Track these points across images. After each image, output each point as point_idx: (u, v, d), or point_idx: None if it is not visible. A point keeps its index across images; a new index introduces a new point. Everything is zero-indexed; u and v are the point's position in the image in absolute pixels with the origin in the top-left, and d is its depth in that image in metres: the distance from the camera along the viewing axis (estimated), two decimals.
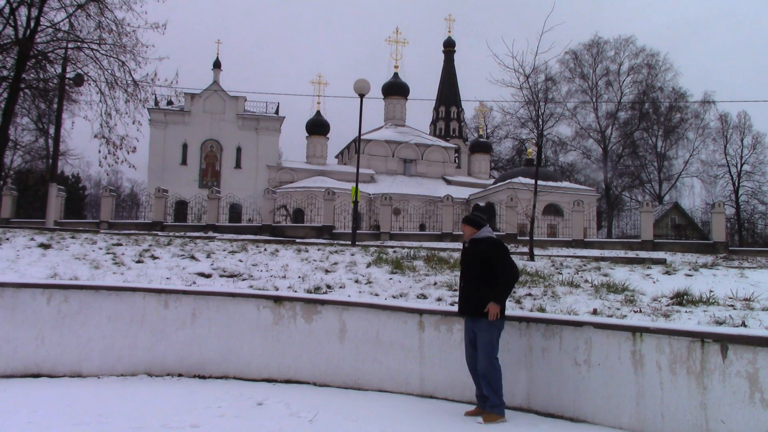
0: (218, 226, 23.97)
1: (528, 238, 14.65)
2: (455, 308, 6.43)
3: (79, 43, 18.28)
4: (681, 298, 7.05)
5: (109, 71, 18.12)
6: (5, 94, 18.09)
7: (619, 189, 51.15)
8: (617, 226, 37.31)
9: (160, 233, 18.45)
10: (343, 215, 27.98)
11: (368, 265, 10.11)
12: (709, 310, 6.41)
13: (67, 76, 18.82)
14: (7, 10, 17.31)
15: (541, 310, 6.76)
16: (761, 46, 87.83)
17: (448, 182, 46.54)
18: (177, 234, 18.35)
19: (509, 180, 36.93)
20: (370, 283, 8.69)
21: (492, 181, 46.68)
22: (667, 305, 6.87)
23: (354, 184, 19.33)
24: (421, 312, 6.25)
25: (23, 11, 17.66)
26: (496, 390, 5.15)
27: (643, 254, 17.24)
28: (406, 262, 10.50)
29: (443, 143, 50.58)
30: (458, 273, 9.60)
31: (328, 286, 8.31)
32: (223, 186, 38.06)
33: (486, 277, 5.31)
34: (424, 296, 7.77)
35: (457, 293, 7.89)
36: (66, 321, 6.70)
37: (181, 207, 30.58)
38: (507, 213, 25.97)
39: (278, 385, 6.42)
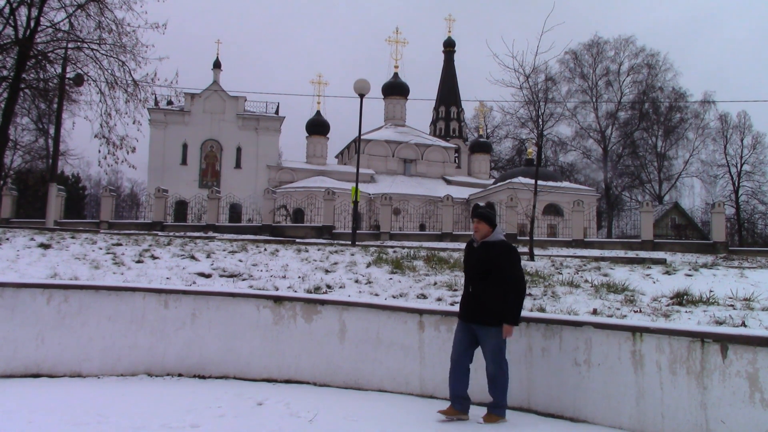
0: (218, 226, 23.98)
1: (528, 238, 14.65)
2: (455, 308, 6.41)
3: (79, 43, 18.27)
4: (681, 298, 7.05)
5: (109, 71, 18.12)
6: (5, 94, 18.09)
7: (619, 189, 51.17)
8: (617, 226, 37.31)
9: (160, 233, 18.46)
10: (343, 215, 27.99)
11: (368, 265, 10.11)
12: (709, 310, 6.41)
13: (67, 76, 18.82)
14: (7, 10, 17.31)
15: (541, 310, 6.76)
16: (761, 45, 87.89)
17: (448, 182, 46.54)
18: (177, 234, 18.36)
19: (509, 180, 36.96)
20: (370, 283, 8.69)
21: (492, 181, 46.69)
22: (667, 305, 6.87)
23: (354, 184, 19.34)
24: (421, 312, 6.25)
25: (23, 11, 17.66)
26: (503, 392, 5.08)
27: (643, 254, 17.24)
28: (406, 262, 10.50)
29: (443, 143, 50.57)
30: (458, 273, 9.59)
31: (328, 286, 8.31)
32: (223, 186, 38.05)
33: (498, 284, 5.07)
34: (424, 296, 7.76)
35: (457, 293, 7.90)
36: (66, 321, 6.70)
37: (181, 207, 30.60)
38: (507, 213, 25.97)
39: (278, 385, 6.42)
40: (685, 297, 7.07)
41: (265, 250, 12.10)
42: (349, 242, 17.12)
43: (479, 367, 5.32)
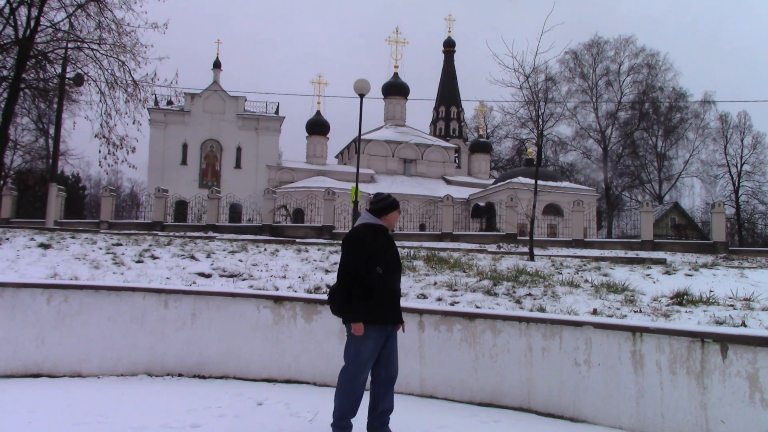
0: (218, 226, 23.97)
1: (528, 238, 14.65)
2: (455, 308, 6.42)
3: (79, 43, 18.31)
4: (681, 298, 7.05)
5: (109, 71, 18.16)
6: (5, 94, 18.11)
7: (619, 189, 51.17)
8: (617, 226, 37.30)
9: (160, 233, 18.46)
10: (343, 215, 27.97)
11: None
12: (709, 310, 6.41)
13: (67, 76, 18.83)
14: (7, 10, 17.34)
15: (541, 310, 6.76)
16: (761, 45, 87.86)
17: (448, 182, 46.54)
18: (177, 234, 18.37)
19: (509, 180, 36.95)
20: None
21: (492, 181, 46.67)
22: (667, 305, 6.87)
23: (354, 184, 19.33)
24: (421, 312, 6.24)
25: (23, 11, 17.71)
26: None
27: (643, 254, 17.23)
28: (406, 262, 10.50)
29: (443, 143, 50.58)
30: (458, 273, 9.60)
31: (328, 286, 8.31)
32: (223, 186, 38.05)
33: None
34: (424, 296, 7.77)
35: (458, 293, 7.90)
36: (66, 321, 6.69)
37: (181, 207, 30.56)
38: (507, 213, 25.97)
39: (278, 385, 6.42)
40: (685, 297, 7.07)
41: (265, 250, 12.10)
42: None
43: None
